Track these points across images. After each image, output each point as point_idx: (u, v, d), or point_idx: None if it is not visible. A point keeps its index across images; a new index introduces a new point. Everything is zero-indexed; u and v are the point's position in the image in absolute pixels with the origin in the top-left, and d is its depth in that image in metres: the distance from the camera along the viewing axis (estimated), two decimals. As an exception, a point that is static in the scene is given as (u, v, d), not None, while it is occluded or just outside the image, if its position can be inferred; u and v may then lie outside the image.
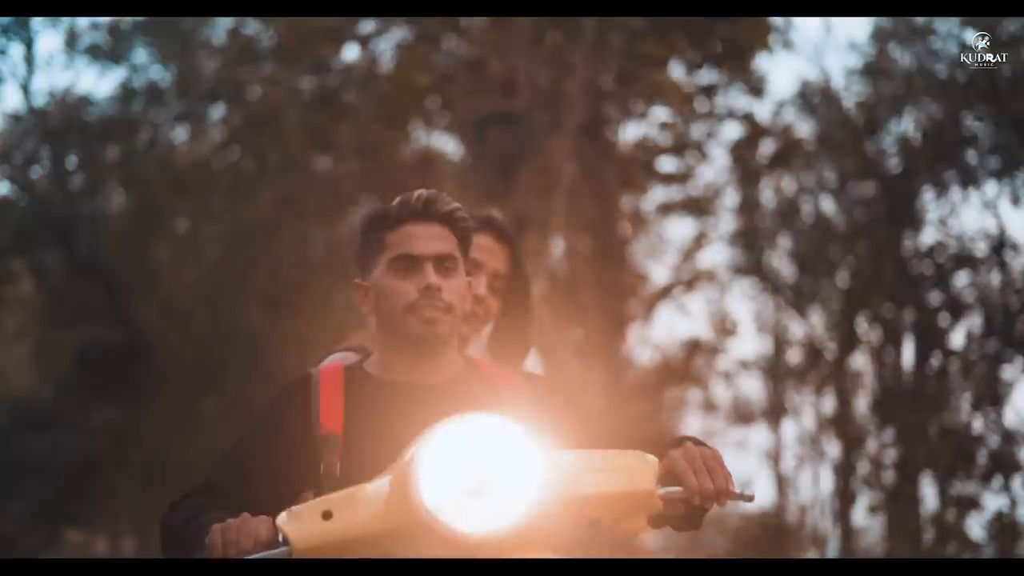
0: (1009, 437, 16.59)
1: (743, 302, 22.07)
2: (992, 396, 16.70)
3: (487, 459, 1.90)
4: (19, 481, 17.07)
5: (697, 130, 17.92)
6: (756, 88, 17.49)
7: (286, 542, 1.93)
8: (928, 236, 17.06)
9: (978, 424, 16.86)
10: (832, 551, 17.57)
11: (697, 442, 2.14)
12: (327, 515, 1.94)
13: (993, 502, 16.84)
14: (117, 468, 16.89)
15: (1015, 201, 16.52)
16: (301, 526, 1.94)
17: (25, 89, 17.15)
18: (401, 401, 2.25)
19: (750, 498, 2.09)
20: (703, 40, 17.03)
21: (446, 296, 2.30)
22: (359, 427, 2.23)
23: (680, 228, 20.54)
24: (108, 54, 16.86)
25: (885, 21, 16.32)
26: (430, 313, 2.29)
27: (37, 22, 16.99)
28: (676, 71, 17.63)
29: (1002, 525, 16.38)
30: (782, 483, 18.91)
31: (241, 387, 15.73)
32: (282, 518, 1.96)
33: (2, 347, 19.69)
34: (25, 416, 17.51)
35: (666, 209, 18.50)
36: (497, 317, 2.87)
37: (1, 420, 17.74)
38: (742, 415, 19.63)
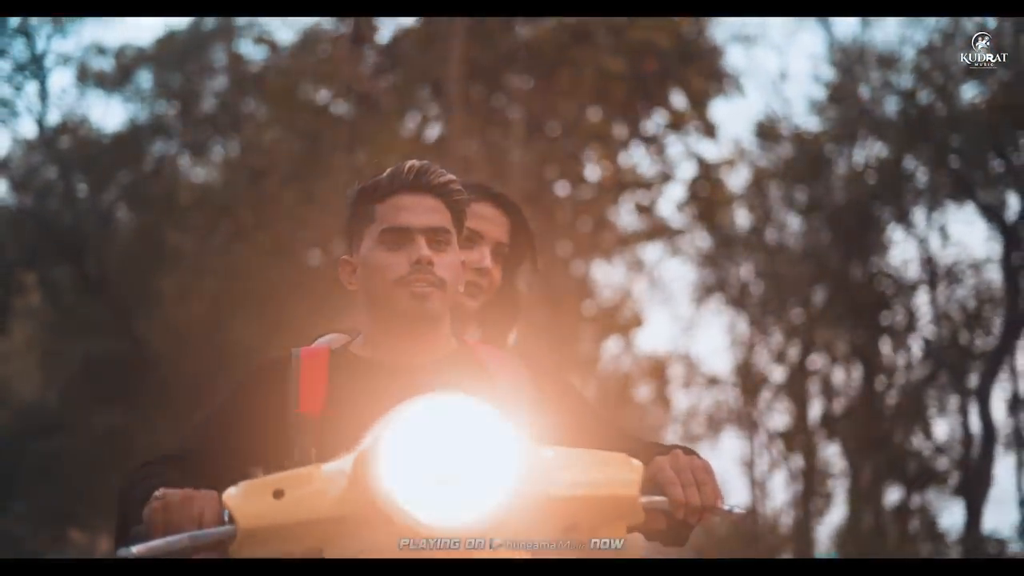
0: (940, 450, 16.61)
1: (713, 317, 22.04)
2: (926, 413, 16.74)
3: (458, 445, 1.54)
4: (25, 483, 16.85)
5: (653, 169, 17.82)
6: (709, 132, 17.43)
7: (231, 520, 1.58)
8: (872, 266, 17.07)
9: (916, 439, 16.90)
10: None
11: (687, 451, 1.78)
12: (279, 494, 1.57)
13: (927, 508, 16.91)
14: (119, 472, 16.56)
15: (945, 238, 16.52)
16: (249, 503, 1.58)
17: (39, 122, 17.18)
18: (385, 382, 1.89)
19: (739, 515, 1.75)
20: (657, 94, 16.93)
21: (438, 271, 1.95)
22: (339, 409, 1.87)
23: (649, 253, 20.42)
24: (115, 81, 16.76)
25: (838, 54, 16.26)
26: (421, 288, 1.94)
27: (51, 59, 17.10)
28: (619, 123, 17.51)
29: (932, 531, 16.46)
30: (755, 487, 18.93)
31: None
32: (229, 493, 1.60)
33: (11, 355, 19.46)
34: (32, 421, 17.28)
35: (634, 238, 18.36)
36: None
37: (9, 425, 17.55)
38: (690, 434, 19.58)
